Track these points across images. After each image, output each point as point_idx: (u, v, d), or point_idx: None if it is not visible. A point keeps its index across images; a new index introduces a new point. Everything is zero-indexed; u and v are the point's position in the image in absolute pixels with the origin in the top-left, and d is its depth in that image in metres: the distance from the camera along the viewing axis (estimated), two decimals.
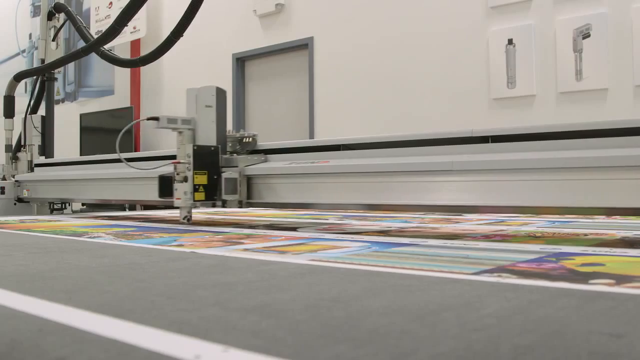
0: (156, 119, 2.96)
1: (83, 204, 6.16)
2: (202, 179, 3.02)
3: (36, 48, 8.40)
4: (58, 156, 5.69)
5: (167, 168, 3.23)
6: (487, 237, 2.33)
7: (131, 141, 7.90)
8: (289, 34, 6.82)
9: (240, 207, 3.08)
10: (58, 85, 8.91)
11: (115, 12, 7.68)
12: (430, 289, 1.22)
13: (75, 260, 1.80)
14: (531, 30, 5.02)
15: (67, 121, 8.79)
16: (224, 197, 3.01)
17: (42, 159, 5.36)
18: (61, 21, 5.72)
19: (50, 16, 5.71)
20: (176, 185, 3.03)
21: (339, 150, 3.00)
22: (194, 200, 2.99)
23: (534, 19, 5.04)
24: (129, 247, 2.16)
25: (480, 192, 2.38)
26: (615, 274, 1.38)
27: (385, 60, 5.98)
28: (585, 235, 2.31)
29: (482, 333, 0.85)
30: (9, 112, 5.70)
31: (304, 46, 6.71)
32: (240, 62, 7.35)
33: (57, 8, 5.64)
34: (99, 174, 4.25)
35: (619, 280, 1.28)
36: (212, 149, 3.12)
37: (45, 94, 5.68)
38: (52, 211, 5.06)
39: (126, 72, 8.50)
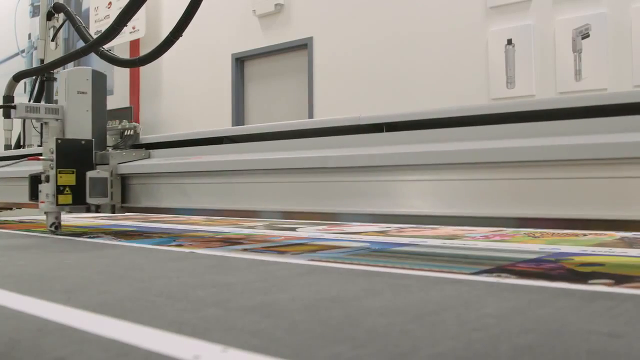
0: (12, 106, 2.61)
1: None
2: (69, 179, 2.56)
3: (35, 48, 8.39)
4: None
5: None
6: (486, 237, 2.33)
7: None
8: (289, 34, 6.81)
9: (113, 212, 2.63)
10: (57, 85, 8.89)
11: (114, 12, 7.67)
12: (429, 289, 1.22)
13: (74, 261, 1.80)
14: (530, 31, 5.02)
15: None
16: (89, 200, 2.54)
17: None
18: (60, 21, 5.72)
19: (49, 16, 5.70)
20: (40, 187, 2.60)
21: (222, 143, 2.54)
22: (58, 204, 2.54)
23: (533, 19, 5.03)
24: (128, 247, 2.16)
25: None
26: (615, 274, 1.38)
27: (385, 60, 5.98)
28: (585, 235, 2.31)
29: (482, 333, 0.85)
30: (8, 113, 5.70)
31: (303, 46, 6.70)
32: (240, 62, 7.35)
33: (57, 8, 5.64)
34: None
35: (618, 281, 1.28)
36: (83, 142, 2.62)
37: (44, 94, 5.68)
38: None
39: (125, 72, 8.50)
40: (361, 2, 6.17)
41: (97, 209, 2.61)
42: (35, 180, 2.67)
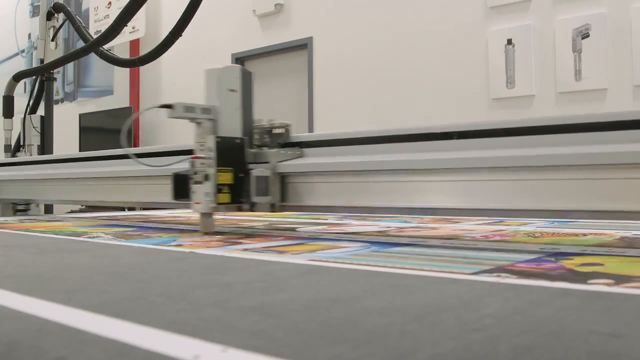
0: (169, 106, 2.45)
1: (82, 205, 6.13)
2: (227, 178, 2.48)
3: (35, 48, 8.40)
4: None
5: (181, 165, 2.69)
6: (486, 237, 2.33)
7: (129, 140, 7.89)
8: (288, 34, 6.82)
9: (272, 210, 2.55)
10: (57, 85, 8.90)
11: (114, 12, 7.68)
12: (429, 289, 1.22)
13: (74, 261, 1.80)
14: (530, 31, 5.02)
15: (66, 121, 8.79)
16: (254, 199, 2.50)
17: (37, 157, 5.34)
18: (60, 21, 5.73)
19: (49, 16, 5.71)
20: (194, 187, 2.48)
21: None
22: (218, 204, 2.45)
23: (533, 19, 5.04)
24: (129, 247, 2.16)
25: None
26: (614, 274, 1.38)
27: (385, 60, 5.98)
28: (585, 235, 2.31)
29: (482, 333, 0.85)
30: (8, 112, 5.71)
31: (303, 46, 6.71)
32: (240, 62, 7.35)
33: (56, 8, 5.65)
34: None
35: (618, 280, 1.28)
36: (238, 141, 2.58)
37: (44, 94, 5.68)
38: (15, 212, 4.71)
39: (125, 72, 8.50)
40: (361, 2, 6.17)
41: (252, 207, 2.54)
42: (180, 179, 2.59)
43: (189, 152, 2.64)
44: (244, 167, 2.55)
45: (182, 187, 2.57)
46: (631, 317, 0.94)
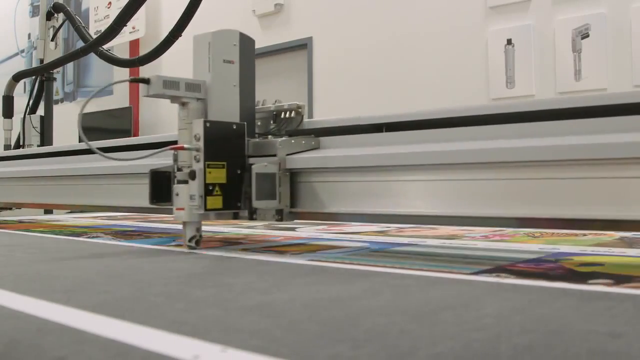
0: (145, 81, 1.90)
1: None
2: (219, 175, 1.87)
3: (35, 48, 8.39)
4: None
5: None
6: (485, 237, 2.33)
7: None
8: (288, 34, 6.81)
9: (280, 219, 1.92)
10: (57, 85, 8.90)
11: (114, 12, 7.67)
12: (429, 289, 1.23)
13: (74, 261, 1.80)
14: (530, 31, 5.02)
15: (66, 121, 8.78)
16: (256, 203, 1.86)
17: None
18: (60, 21, 5.72)
19: (49, 16, 5.70)
20: (177, 187, 1.91)
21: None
22: (206, 210, 1.84)
23: (533, 19, 5.04)
24: (128, 247, 2.16)
25: None
26: (614, 274, 1.38)
27: (385, 60, 5.98)
28: (584, 235, 2.31)
29: (481, 333, 0.85)
30: (8, 112, 5.70)
31: (303, 46, 6.70)
32: None
33: (56, 8, 5.64)
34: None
35: (617, 280, 1.28)
36: (235, 127, 1.96)
37: (44, 94, 5.68)
38: None
39: (125, 72, 8.49)
40: (361, 2, 6.17)
41: (252, 215, 1.92)
42: (158, 178, 1.99)
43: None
44: (242, 161, 1.95)
45: (161, 187, 2.00)
46: (631, 316, 0.94)
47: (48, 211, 5.82)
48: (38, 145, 5.46)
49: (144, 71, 8.26)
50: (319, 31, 6.54)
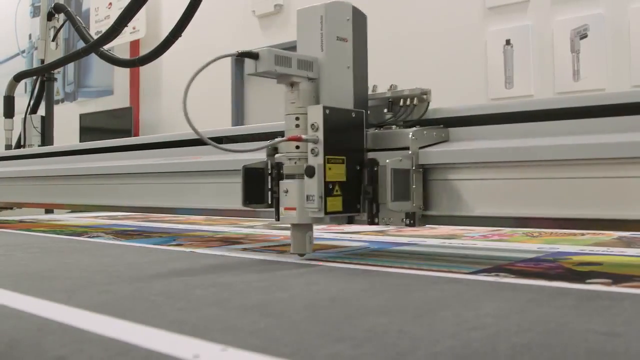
0: (253, 55, 1.58)
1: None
2: (339, 172, 1.59)
3: (36, 48, 8.40)
4: None
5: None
6: (484, 237, 2.33)
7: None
8: (288, 34, 6.81)
9: (411, 224, 1.62)
10: (58, 85, 8.90)
11: (114, 13, 7.68)
12: (428, 289, 1.23)
13: (74, 260, 1.81)
14: (529, 31, 5.02)
15: (67, 121, 8.79)
16: (392, 205, 1.55)
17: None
18: (61, 22, 5.72)
19: (49, 17, 5.70)
20: (285, 184, 1.63)
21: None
22: (327, 213, 1.56)
23: (532, 19, 5.04)
24: (128, 247, 2.16)
25: None
26: (612, 273, 1.38)
27: (383, 60, 5.98)
28: (582, 234, 2.31)
29: (480, 332, 0.85)
30: (9, 112, 5.70)
31: None
32: (240, 62, 7.35)
33: (57, 8, 5.64)
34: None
35: (615, 280, 1.28)
36: (353, 115, 1.67)
37: (45, 94, 5.68)
38: None
39: (125, 72, 8.50)
40: (359, 2, 6.17)
41: (374, 219, 1.65)
42: (253, 176, 1.75)
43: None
44: (361, 155, 1.68)
45: (256, 186, 1.75)
46: (629, 316, 0.95)
47: (49, 211, 5.82)
48: (39, 145, 5.46)
49: (144, 71, 8.27)
50: None
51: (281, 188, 1.64)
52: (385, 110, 1.82)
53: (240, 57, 1.59)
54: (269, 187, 1.75)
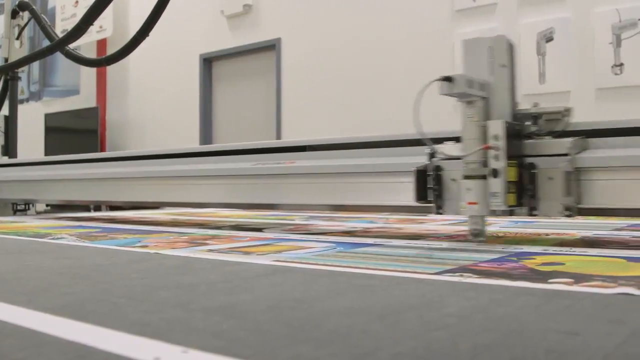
0: (449, 79, 2.02)
1: (47, 205, 6.01)
2: (513, 174, 2.08)
3: None
4: (22, 157, 5.60)
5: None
6: (450, 237, 2.35)
7: (95, 141, 7.80)
8: (257, 34, 6.80)
9: (569, 215, 2.06)
10: (22, 84, 8.76)
11: (81, 11, 7.58)
12: (393, 289, 1.23)
13: (36, 262, 1.78)
14: (496, 34, 5.08)
15: (31, 121, 8.66)
16: (564, 200, 2.05)
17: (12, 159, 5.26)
18: (25, 19, 5.64)
19: (14, 14, 5.62)
20: (467, 182, 2.06)
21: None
22: (509, 205, 2.04)
23: (499, 22, 5.10)
24: (92, 249, 2.13)
25: None
26: (574, 272, 1.40)
27: (353, 62, 6.00)
28: (547, 235, 2.34)
29: (443, 332, 0.86)
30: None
31: (271, 47, 6.70)
32: (208, 62, 7.32)
33: (21, 6, 5.56)
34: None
35: (577, 279, 1.30)
36: (517, 127, 2.17)
37: (8, 93, 5.59)
38: (15, 212, 4.97)
39: (92, 71, 8.40)
40: (330, 3, 6.18)
41: (532, 211, 2.10)
42: (422, 177, 2.24)
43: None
44: (522, 160, 2.15)
45: (424, 186, 2.24)
46: (589, 315, 0.96)
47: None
48: (2, 145, 5.37)
49: (111, 70, 8.19)
50: (288, 32, 6.54)
51: (463, 186, 2.07)
52: (529, 123, 2.24)
53: (440, 80, 2.02)
54: (429, 185, 2.23)
